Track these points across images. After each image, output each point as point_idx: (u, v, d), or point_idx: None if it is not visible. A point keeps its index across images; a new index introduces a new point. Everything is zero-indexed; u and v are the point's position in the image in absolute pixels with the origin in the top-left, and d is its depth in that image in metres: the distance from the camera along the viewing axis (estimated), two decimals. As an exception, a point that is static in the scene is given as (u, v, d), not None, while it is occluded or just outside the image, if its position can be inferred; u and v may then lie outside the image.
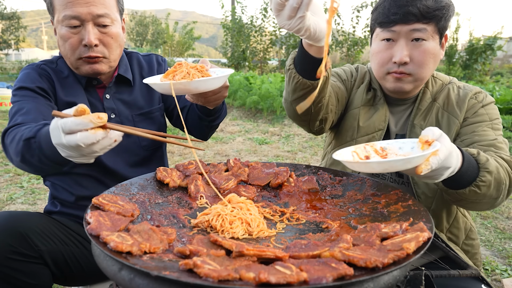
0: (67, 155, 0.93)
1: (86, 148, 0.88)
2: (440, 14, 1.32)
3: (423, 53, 1.35)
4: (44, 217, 1.37)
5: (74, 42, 1.37)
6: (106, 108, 1.53)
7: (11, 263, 1.16)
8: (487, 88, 9.69)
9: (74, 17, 1.34)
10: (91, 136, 0.86)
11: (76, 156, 0.92)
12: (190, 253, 0.77)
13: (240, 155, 5.42)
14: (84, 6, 1.34)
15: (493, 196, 1.15)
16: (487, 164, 1.09)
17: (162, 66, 1.72)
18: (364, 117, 1.54)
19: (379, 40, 1.41)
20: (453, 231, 1.46)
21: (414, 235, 0.80)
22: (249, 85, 10.14)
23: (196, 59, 33.08)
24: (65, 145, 0.88)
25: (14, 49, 35.79)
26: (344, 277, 0.68)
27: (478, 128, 1.37)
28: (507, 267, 2.63)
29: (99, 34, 1.39)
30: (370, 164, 0.91)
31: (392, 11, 1.33)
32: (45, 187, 4.01)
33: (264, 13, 18.62)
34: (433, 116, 1.46)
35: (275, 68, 19.93)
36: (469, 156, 1.08)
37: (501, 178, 1.13)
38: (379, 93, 1.55)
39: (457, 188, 1.11)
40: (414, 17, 1.31)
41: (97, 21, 1.37)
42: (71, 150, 0.89)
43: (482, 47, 15.73)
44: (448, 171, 0.96)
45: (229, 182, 1.25)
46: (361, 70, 1.65)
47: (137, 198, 1.10)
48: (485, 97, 1.45)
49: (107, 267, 0.78)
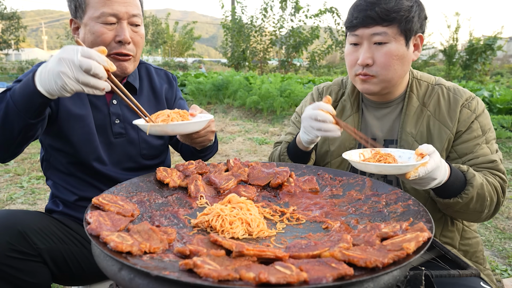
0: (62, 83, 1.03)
1: (87, 76, 1.03)
2: (398, 17, 1.33)
3: (385, 55, 1.37)
4: (43, 215, 1.38)
5: (107, 38, 1.42)
6: (111, 113, 1.54)
7: (9, 261, 1.16)
8: (487, 88, 9.69)
9: (113, 14, 1.40)
10: (100, 68, 1.04)
11: (68, 80, 1.03)
12: (190, 253, 0.77)
13: (240, 155, 5.42)
14: (122, 5, 1.42)
15: (477, 210, 1.31)
16: (473, 180, 1.26)
17: (173, 86, 1.77)
18: (334, 140, 1.59)
19: (348, 43, 1.46)
20: (447, 234, 1.47)
21: (414, 235, 0.80)
22: (249, 85, 10.14)
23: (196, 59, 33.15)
24: (73, 62, 1.02)
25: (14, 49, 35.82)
26: (344, 277, 0.68)
27: (476, 148, 1.40)
28: (507, 267, 2.63)
29: (132, 32, 1.46)
30: (369, 165, 1.13)
31: (354, 15, 1.38)
32: (45, 187, 4.01)
33: (264, 13, 18.63)
34: (424, 124, 1.46)
35: (275, 68, 19.93)
36: (457, 172, 1.26)
37: (484, 194, 1.28)
38: (349, 107, 1.60)
39: (443, 197, 1.30)
40: (373, 21, 1.35)
41: (131, 20, 1.45)
42: (73, 69, 1.02)
43: (482, 47, 15.74)
44: (434, 182, 1.16)
45: (229, 182, 1.25)
46: (325, 92, 1.69)
47: (137, 198, 1.10)
48: (477, 105, 1.44)
49: (107, 267, 0.78)
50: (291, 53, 18.60)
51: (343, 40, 18.82)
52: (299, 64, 20.07)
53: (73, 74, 1.03)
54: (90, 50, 1.04)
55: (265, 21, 18.78)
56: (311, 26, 18.51)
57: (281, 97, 8.78)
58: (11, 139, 1.20)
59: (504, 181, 1.36)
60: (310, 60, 19.13)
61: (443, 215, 1.46)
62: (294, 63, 19.36)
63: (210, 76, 12.48)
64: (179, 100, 1.77)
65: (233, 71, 13.95)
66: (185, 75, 13.48)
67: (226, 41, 19.34)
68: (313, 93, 1.74)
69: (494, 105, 7.86)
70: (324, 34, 19.13)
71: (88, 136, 1.48)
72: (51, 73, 1.05)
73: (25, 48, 45.69)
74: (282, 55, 19.26)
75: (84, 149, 1.48)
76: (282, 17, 18.49)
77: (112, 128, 1.53)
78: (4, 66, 24.88)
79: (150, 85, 1.69)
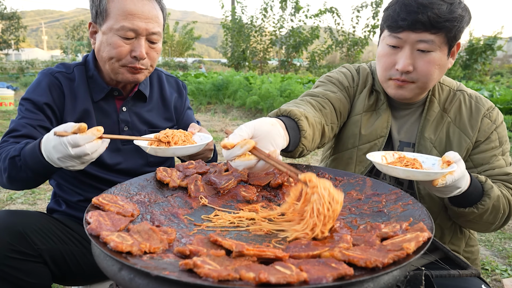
0: (67, 166, 1.11)
1: (89, 156, 1.09)
2: (450, 26, 1.25)
3: (428, 64, 1.30)
4: (44, 216, 1.38)
5: (123, 51, 1.42)
6: (120, 120, 1.55)
7: (10, 262, 1.16)
8: (487, 88, 9.69)
9: (132, 29, 1.40)
10: (95, 145, 1.08)
11: (76, 164, 1.11)
12: (190, 253, 0.77)
13: (240, 155, 5.41)
14: (144, 21, 1.41)
15: (489, 221, 1.30)
16: (490, 191, 1.24)
17: (183, 95, 1.77)
18: (366, 124, 1.50)
19: (385, 43, 1.36)
20: (455, 242, 1.47)
21: (414, 235, 0.80)
22: (249, 85, 10.15)
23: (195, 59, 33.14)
24: (72, 156, 1.07)
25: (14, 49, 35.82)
26: (344, 277, 0.68)
27: (492, 159, 1.38)
28: (507, 267, 2.63)
29: (148, 48, 1.46)
30: (397, 169, 1.10)
31: (401, 16, 1.27)
32: (45, 187, 4.00)
33: (264, 13, 18.64)
34: (443, 131, 1.42)
35: (275, 68, 19.93)
36: (476, 182, 1.24)
37: (499, 206, 1.27)
38: (382, 96, 1.50)
39: (459, 206, 1.28)
40: (422, 26, 1.24)
41: (150, 37, 1.45)
42: (75, 159, 1.09)
43: (482, 47, 15.73)
44: (457, 190, 1.13)
45: (229, 182, 1.25)
46: (363, 72, 1.58)
47: (137, 198, 1.10)
48: (498, 116, 1.42)
49: (107, 267, 0.78)
50: (291, 53, 18.61)
51: (342, 40, 18.82)
52: (299, 64, 20.08)
53: (78, 162, 1.11)
54: (77, 138, 1.05)
55: (265, 21, 18.79)
56: (311, 26, 18.52)
57: (281, 97, 8.78)
58: (33, 185, 1.32)
59: None
60: (310, 60, 19.14)
61: (453, 223, 1.46)
62: (294, 63, 19.37)
63: (210, 76, 12.49)
64: (187, 110, 1.77)
65: (233, 71, 13.96)
66: (185, 75, 13.48)
67: (226, 41, 19.35)
68: (349, 69, 1.61)
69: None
70: (324, 34, 19.15)
71: None
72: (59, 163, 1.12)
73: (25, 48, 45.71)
74: (282, 55, 19.27)
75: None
76: (282, 17, 18.51)
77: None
78: (4, 66, 24.87)
79: (160, 93, 1.69)
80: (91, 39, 1.51)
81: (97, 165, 1.50)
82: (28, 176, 1.23)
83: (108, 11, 1.41)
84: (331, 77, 1.59)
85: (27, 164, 1.20)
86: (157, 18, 1.46)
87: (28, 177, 1.24)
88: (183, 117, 1.73)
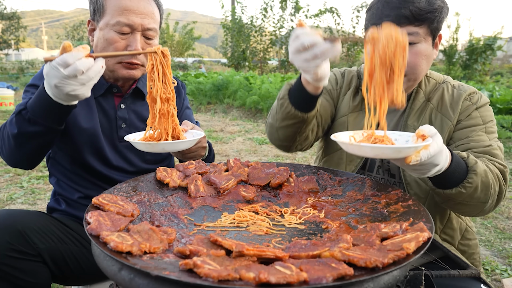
0: (69, 91, 1.09)
1: (85, 75, 1.08)
2: (432, 17, 1.31)
3: (415, 55, 1.33)
4: (43, 215, 1.38)
5: (119, 46, 1.43)
6: (118, 117, 1.55)
7: (9, 261, 1.16)
8: (487, 88, 9.69)
9: (128, 25, 1.41)
10: (86, 61, 1.07)
11: (76, 86, 1.09)
12: (190, 253, 0.77)
13: (240, 155, 5.42)
14: (139, 17, 1.43)
15: (481, 200, 1.18)
16: (475, 167, 1.14)
17: (181, 95, 1.76)
18: (353, 124, 1.55)
19: None
20: (448, 232, 1.46)
21: (414, 235, 0.80)
22: (249, 85, 10.14)
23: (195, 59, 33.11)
24: (67, 77, 1.06)
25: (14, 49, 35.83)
26: (344, 277, 0.68)
27: (472, 133, 1.36)
28: (507, 267, 2.63)
29: (144, 44, 1.47)
30: (363, 147, 0.97)
31: (384, 13, 1.32)
32: (45, 187, 4.01)
33: (264, 13, 18.63)
34: (426, 117, 1.45)
35: (275, 68, 19.93)
36: (458, 158, 1.13)
37: (489, 182, 1.16)
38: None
39: (444, 188, 1.16)
40: (406, 20, 1.30)
41: (145, 33, 1.46)
42: (72, 80, 1.07)
43: (482, 47, 15.72)
44: (435, 168, 1.02)
45: (229, 182, 1.25)
46: (348, 74, 1.64)
47: (137, 198, 1.10)
48: (480, 98, 1.44)
49: (107, 267, 0.78)
50: (291, 53, 18.57)
51: (342, 41, 18.80)
52: (299, 64, 20.04)
53: (77, 84, 1.09)
54: (66, 57, 1.05)
55: (265, 21, 18.78)
56: (311, 26, 18.50)
57: (281, 97, 8.77)
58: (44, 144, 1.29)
59: (504, 167, 1.27)
60: (310, 60, 19.10)
61: (444, 211, 1.45)
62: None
63: (210, 76, 12.49)
64: (185, 109, 1.77)
65: (233, 71, 13.95)
66: (185, 75, 13.48)
67: (226, 41, 19.34)
68: (335, 72, 1.65)
69: (494, 105, 7.86)
70: (324, 34, 19.13)
71: (93, 138, 1.50)
72: (60, 93, 1.11)
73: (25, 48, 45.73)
74: (282, 55, 19.26)
75: (88, 152, 1.50)
76: (282, 17, 18.49)
77: (117, 132, 1.55)
78: (4, 66, 24.87)
79: None
80: (89, 37, 1.52)
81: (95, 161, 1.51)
82: (39, 129, 1.21)
83: (104, 7, 1.43)
84: None
85: (35, 112, 1.19)
86: (153, 14, 1.47)
87: (39, 132, 1.21)
88: (181, 117, 1.73)
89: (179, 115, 1.74)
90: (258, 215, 1.09)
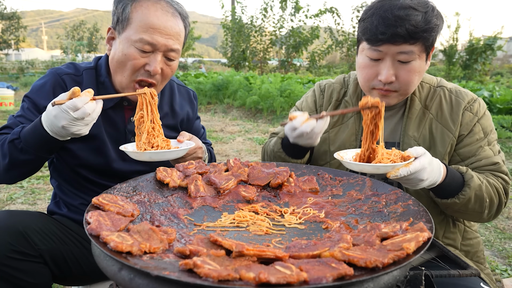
0: (74, 131, 1.16)
1: (90, 117, 1.15)
2: (427, 36, 1.30)
3: (409, 73, 1.34)
4: (44, 216, 1.38)
5: (137, 64, 1.37)
6: (128, 130, 1.52)
7: (10, 262, 1.16)
8: (487, 88, 9.68)
9: (151, 43, 1.35)
10: (92, 105, 1.15)
11: (81, 127, 1.16)
12: (190, 253, 0.77)
13: (240, 155, 5.42)
14: (164, 36, 1.36)
15: (476, 210, 1.32)
16: (470, 181, 1.27)
17: (194, 105, 1.74)
18: (335, 140, 1.56)
19: (365, 55, 1.38)
20: (449, 236, 1.47)
21: (414, 235, 0.80)
22: (249, 85, 10.15)
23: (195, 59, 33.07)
24: (76, 119, 1.13)
25: (14, 49, 35.84)
26: (344, 277, 0.68)
27: (478, 151, 1.39)
28: (507, 267, 2.63)
29: (163, 64, 1.41)
30: (350, 164, 1.21)
31: (380, 29, 1.29)
32: (45, 187, 4.01)
33: (264, 13, 18.63)
34: (426, 127, 1.45)
35: (275, 68, 19.93)
36: (454, 173, 1.28)
37: (482, 195, 1.29)
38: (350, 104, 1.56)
39: (441, 198, 1.32)
40: (401, 39, 1.28)
41: (167, 53, 1.40)
42: (79, 122, 1.15)
43: (482, 47, 15.73)
44: (423, 183, 1.18)
45: (229, 182, 1.25)
46: (327, 90, 1.65)
47: (137, 198, 1.10)
48: (479, 107, 1.44)
49: (107, 267, 0.78)
50: (291, 53, 18.61)
51: (342, 40, 18.83)
52: (299, 64, 20.08)
53: (81, 125, 1.16)
54: (76, 102, 1.12)
55: (265, 21, 18.78)
56: (311, 26, 18.51)
57: (281, 97, 8.78)
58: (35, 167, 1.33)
59: (506, 183, 1.36)
60: (310, 60, 19.14)
61: (445, 217, 1.47)
62: (294, 63, 19.37)
63: (210, 76, 12.49)
64: (195, 119, 1.76)
65: (233, 71, 13.96)
66: (185, 75, 13.48)
67: (226, 41, 19.34)
68: (315, 90, 1.70)
69: (494, 105, 7.86)
70: (324, 34, 19.15)
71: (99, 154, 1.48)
72: (64, 132, 1.16)
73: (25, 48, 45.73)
74: (282, 55, 19.27)
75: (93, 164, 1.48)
76: (282, 17, 18.50)
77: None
78: (4, 66, 24.87)
79: (170, 103, 1.65)
80: (107, 45, 1.46)
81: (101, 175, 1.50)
82: (29, 158, 1.24)
83: (130, 20, 1.36)
84: (297, 109, 1.73)
85: (29, 143, 1.22)
86: (179, 36, 1.41)
87: (29, 160, 1.25)
88: (191, 127, 1.72)
89: (190, 126, 1.72)
90: (258, 215, 1.09)
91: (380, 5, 1.32)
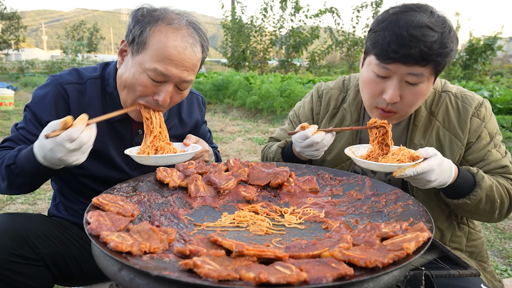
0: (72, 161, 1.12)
1: (86, 145, 1.11)
2: (440, 61, 1.23)
3: (415, 95, 1.28)
4: (45, 219, 1.37)
5: (147, 92, 1.32)
6: (135, 143, 1.48)
7: (12, 266, 1.16)
8: (487, 88, 9.68)
9: (164, 75, 1.28)
10: (88, 132, 1.11)
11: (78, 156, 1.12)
12: (190, 253, 0.77)
13: (240, 155, 5.42)
14: (180, 68, 1.29)
15: (488, 210, 1.32)
16: (481, 182, 1.28)
17: (202, 111, 1.72)
18: (331, 149, 1.55)
19: (372, 70, 1.31)
20: (455, 240, 1.47)
21: (414, 235, 0.80)
22: (249, 85, 10.14)
23: (196, 59, 33.00)
24: (73, 150, 1.08)
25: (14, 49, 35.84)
26: (344, 277, 0.68)
27: (486, 155, 1.39)
28: (507, 267, 2.63)
29: (174, 93, 1.35)
30: (358, 161, 1.26)
31: (392, 47, 1.21)
32: (45, 187, 4.00)
33: (264, 13, 18.63)
34: (433, 135, 1.42)
35: (275, 68, 19.92)
36: (466, 174, 1.29)
37: (493, 195, 1.29)
38: (349, 116, 1.55)
39: (452, 198, 1.33)
40: (413, 60, 1.20)
41: (180, 85, 1.34)
42: (76, 152, 1.10)
43: (482, 47, 15.72)
44: (432, 183, 1.19)
45: (229, 182, 1.25)
46: (325, 96, 1.62)
47: (137, 198, 1.10)
48: (486, 111, 1.42)
49: (107, 267, 0.78)
50: (291, 53, 18.60)
51: (342, 40, 18.83)
52: (299, 64, 20.08)
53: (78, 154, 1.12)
54: (73, 132, 1.07)
55: (265, 21, 18.78)
56: (311, 26, 18.51)
57: (281, 97, 8.78)
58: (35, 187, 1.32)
59: None
60: (310, 60, 19.14)
61: (450, 222, 1.47)
62: (294, 63, 19.36)
63: (210, 76, 12.49)
64: (203, 124, 1.75)
65: (233, 71, 13.95)
66: (185, 75, 13.44)
67: (226, 41, 19.33)
68: (313, 95, 1.67)
69: (494, 105, 7.86)
70: (324, 34, 19.14)
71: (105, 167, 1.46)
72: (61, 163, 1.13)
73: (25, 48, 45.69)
74: (282, 55, 19.26)
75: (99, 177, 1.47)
76: (282, 17, 18.49)
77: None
78: (4, 66, 24.86)
79: (178, 113, 1.61)
80: (118, 57, 1.38)
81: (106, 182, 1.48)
82: (27, 181, 1.23)
83: (146, 45, 1.28)
84: (295, 114, 1.72)
85: (25, 170, 1.19)
86: (195, 67, 1.34)
87: (27, 182, 1.24)
88: (198, 132, 1.70)
89: (197, 130, 1.70)
90: (258, 215, 1.09)
91: (395, 20, 1.23)
